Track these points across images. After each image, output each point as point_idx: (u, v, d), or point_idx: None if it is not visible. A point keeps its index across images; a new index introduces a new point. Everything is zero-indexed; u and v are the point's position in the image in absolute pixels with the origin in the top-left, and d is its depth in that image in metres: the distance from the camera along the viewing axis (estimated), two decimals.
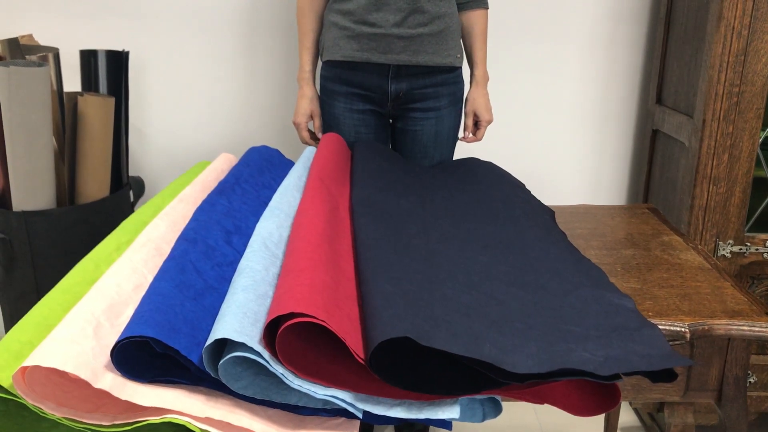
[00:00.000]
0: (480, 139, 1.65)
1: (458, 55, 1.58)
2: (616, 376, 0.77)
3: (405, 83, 1.55)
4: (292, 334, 0.79)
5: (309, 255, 0.88)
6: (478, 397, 0.81)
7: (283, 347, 0.77)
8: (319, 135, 1.65)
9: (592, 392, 0.84)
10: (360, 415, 0.78)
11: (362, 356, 0.76)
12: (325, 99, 1.62)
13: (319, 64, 1.64)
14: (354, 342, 0.77)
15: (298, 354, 0.78)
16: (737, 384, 1.08)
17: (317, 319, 0.74)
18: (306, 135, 1.63)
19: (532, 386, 0.80)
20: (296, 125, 1.63)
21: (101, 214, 1.61)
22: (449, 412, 0.77)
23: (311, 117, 1.63)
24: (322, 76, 1.62)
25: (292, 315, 0.75)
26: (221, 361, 0.74)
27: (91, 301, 0.83)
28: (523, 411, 2.01)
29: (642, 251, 1.27)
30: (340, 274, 0.90)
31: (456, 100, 1.62)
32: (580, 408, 0.83)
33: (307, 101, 1.61)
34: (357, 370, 0.80)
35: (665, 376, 0.81)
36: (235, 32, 1.96)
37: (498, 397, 0.82)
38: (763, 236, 1.73)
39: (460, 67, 1.61)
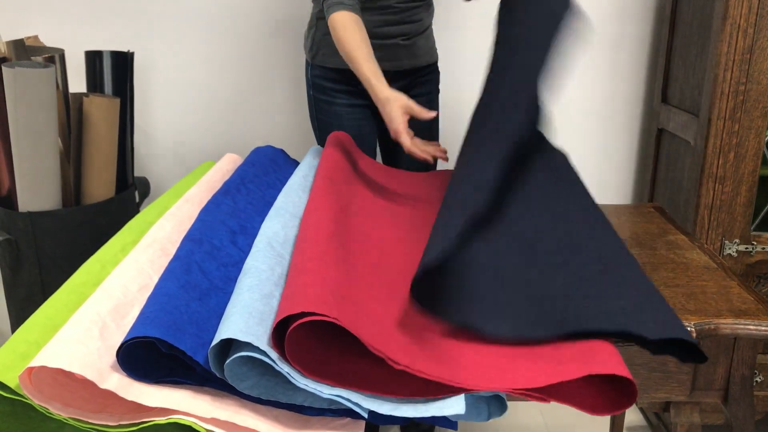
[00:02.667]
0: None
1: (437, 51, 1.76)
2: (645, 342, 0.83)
3: (402, 81, 1.64)
4: (300, 333, 0.79)
5: (320, 255, 0.88)
6: (484, 395, 0.81)
7: (292, 346, 0.77)
8: (425, 114, 1.29)
9: (607, 390, 0.83)
10: (365, 415, 0.78)
11: (378, 349, 0.76)
12: (323, 97, 1.63)
13: (300, 62, 1.64)
14: (369, 337, 0.77)
15: (305, 353, 0.79)
16: (744, 383, 1.08)
17: (329, 317, 0.74)
18: (409, 140, 1.27)
19: (544, 376, 0.80)
20: (398, 132, 1.27)
21: (107, 215, 1.61)
22: (455, 407, 0.77)
23: (407, 114, 1.29)
24: (316, 76, 1.62)
25: (302, 314, 0.75)
26: (227, 361, 0.74)
27: (97, 301, 0.83)
28: (529, 411, 2.01)
29: (648, 250, 1.26)
30: (353, 272, 0.91)
31: (437, 88, 1.77)
32: (595, 406, 0.82)
33: (400, 101, 1.29)
34: (363, 370, 0.80)
35: (695, 355, 0.84)
36: (240, 33, 1.96)
37: (503, 396, 0.82)
38: None
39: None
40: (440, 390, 0.79)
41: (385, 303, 0.89)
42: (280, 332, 0.78)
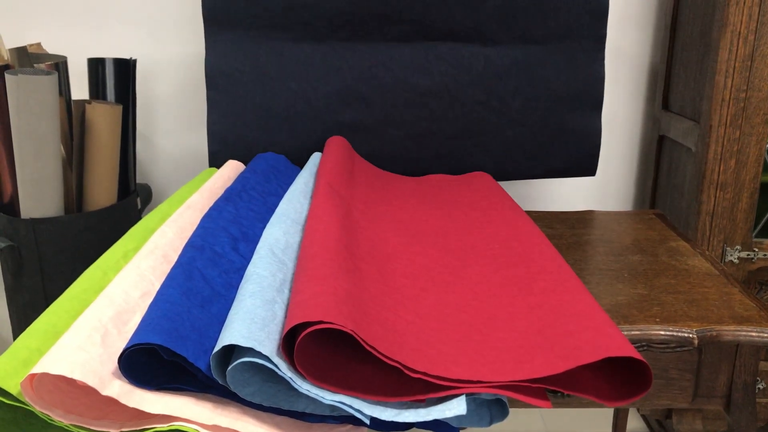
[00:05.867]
0: None
1: None
2: None
3: None
4: (307, 340, 0.80)
5: (329, 263, 0.89)
6: (485, 397, 0.81)
7: (300, 352, 0.77)
8: None
9: (618, 382, 0.83)
10: (367, 422, 0.77)
11: (396, 360, 0.76)
12: None
13: None
14: (384, 348, 0.77)
15: (310, 359, 0.79)
16: (746, 390, 1.08)
17: (345, 327, 0.74)
18: None
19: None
20: None
21: (109, 222, 1.61)
22: (457, 408, 0.77)
23: None
24: None
25: (315, 322, 0.75)
26: (230, 367, 0.74)
27: (98, 308, 0.83)
28: (531, 416, 2.01)
29: (649, 257, 1.27)
30: (362, 279, 0.91)
31: None
32: (610, 397, 0.82)
33: None
34: (366, 375, 0.80)
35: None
36: None
37: (505, 400, 0.82)
38: None
39: None
40: (443, 389, 0.79)
41: (394, 310, 0.90)
42: (287, 338, 0.78)
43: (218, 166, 1.58)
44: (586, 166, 1.67)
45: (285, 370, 0.75)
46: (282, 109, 1.55)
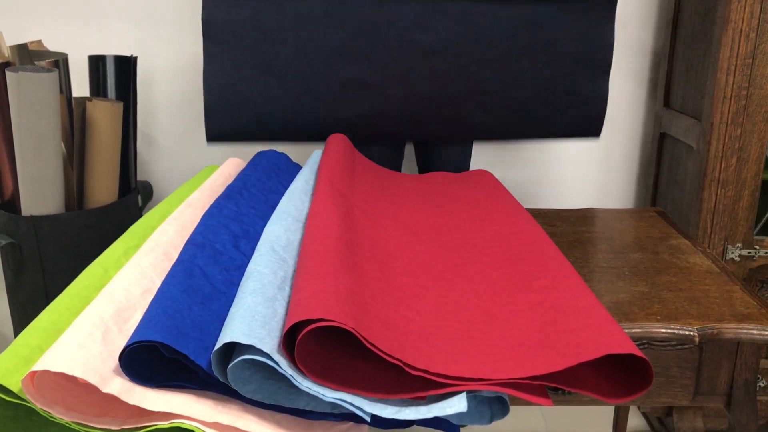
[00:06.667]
0: None
1: None
2: None
3: None
4: (307, 338, 0.80)
5: (330, 261, 0.88)
6: (486, 394, 0.81)
7: (301, 348, 0.77)
8: None
9: (619, 379, 0.83)
10: (368, 419, 0.77)
11: (396, 358, 0.76)
12: None
13: None
14: (385, 345, 0.77)
15: (310, 357, 0.79)
16: (747, 388, 1.08)
17: (346, 325, 0.74)
18: None
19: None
20: None
21: (109, 219, 1.61)
22: (457, 406, 0.77)
23: None
24: None
25: (315, 320, 0.75)
26: (230, 365, 0.74)
27: (99, 305, 0.83)
28: (531, 414, 2.01)
29: (650, 255, 1.26)
30: (363, 277, 0.91)
31: None
32: (611, 394, 0.82)
33: None
34: (367, 373, 0.80)
35: None
36: None
37: (506, 397, 0.82)
38: None
39: None
40: (443, 387, 0.79)
41: (394, 307, 0.90)
42: (288, 336, 0.78)
43: (214, 121, 1.52)
44: (591, 129, 1.62)
45: (286, 367, 0.75)
46: (281, 63, 1.49)
